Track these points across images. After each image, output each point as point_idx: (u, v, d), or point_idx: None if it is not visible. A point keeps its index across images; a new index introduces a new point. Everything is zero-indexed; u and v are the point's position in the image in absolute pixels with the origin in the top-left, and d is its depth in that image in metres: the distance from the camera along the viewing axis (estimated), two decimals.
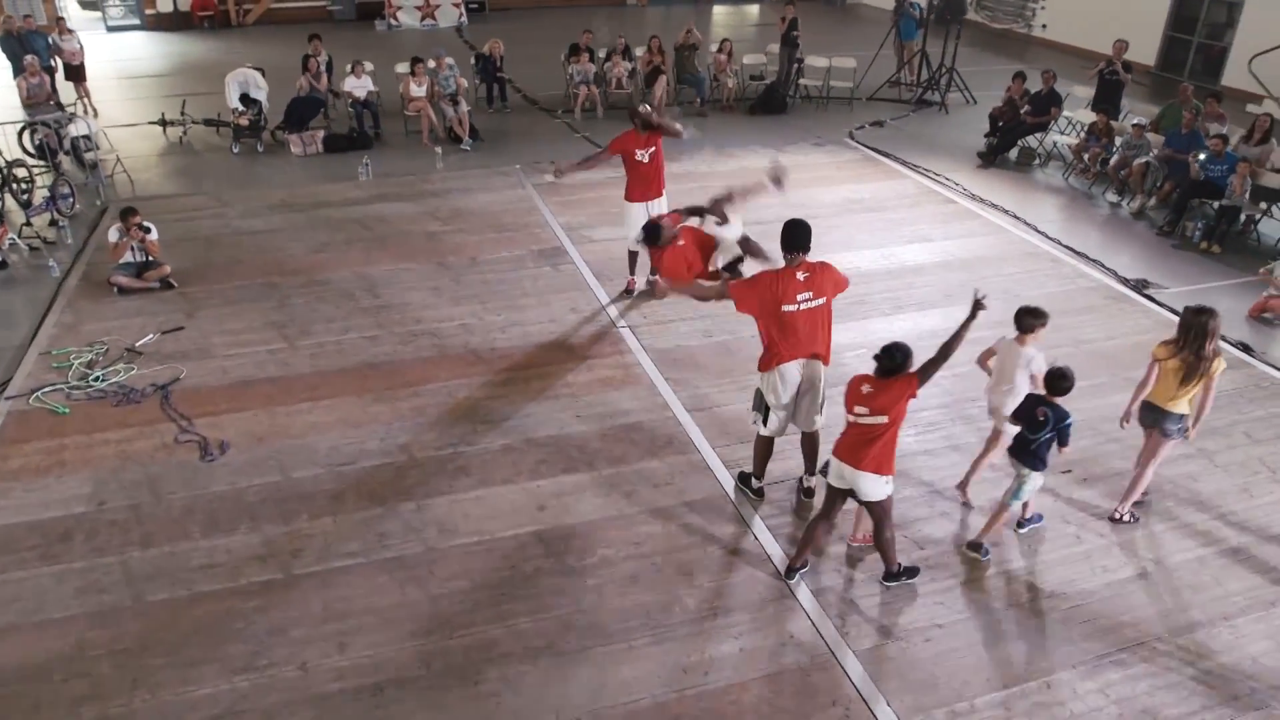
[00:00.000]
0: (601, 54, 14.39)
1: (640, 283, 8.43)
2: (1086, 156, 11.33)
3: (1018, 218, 10.39)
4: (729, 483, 6.01)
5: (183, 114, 12.55)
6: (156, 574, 5.22)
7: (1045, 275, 9.01)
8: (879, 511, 4.93)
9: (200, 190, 10.84)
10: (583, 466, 6.17)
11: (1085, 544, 5.56)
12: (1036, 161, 12.23)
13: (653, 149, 7.81)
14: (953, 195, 11.10)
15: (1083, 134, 11.80)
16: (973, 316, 4.72)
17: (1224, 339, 7.59)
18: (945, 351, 4.68)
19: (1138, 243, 9.91)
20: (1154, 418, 5.46)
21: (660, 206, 8.13)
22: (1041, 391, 5.20)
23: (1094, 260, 9.35)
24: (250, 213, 10.21)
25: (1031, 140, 12.31)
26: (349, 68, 12.68)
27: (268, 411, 6.72)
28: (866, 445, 4.68)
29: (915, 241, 9.72)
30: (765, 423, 5.52)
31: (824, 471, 5.85)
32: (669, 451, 6.33)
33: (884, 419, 4.64)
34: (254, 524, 5.61)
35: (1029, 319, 5.32)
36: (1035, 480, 5.26)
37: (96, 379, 7.02)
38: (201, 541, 5.47)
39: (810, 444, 5.76)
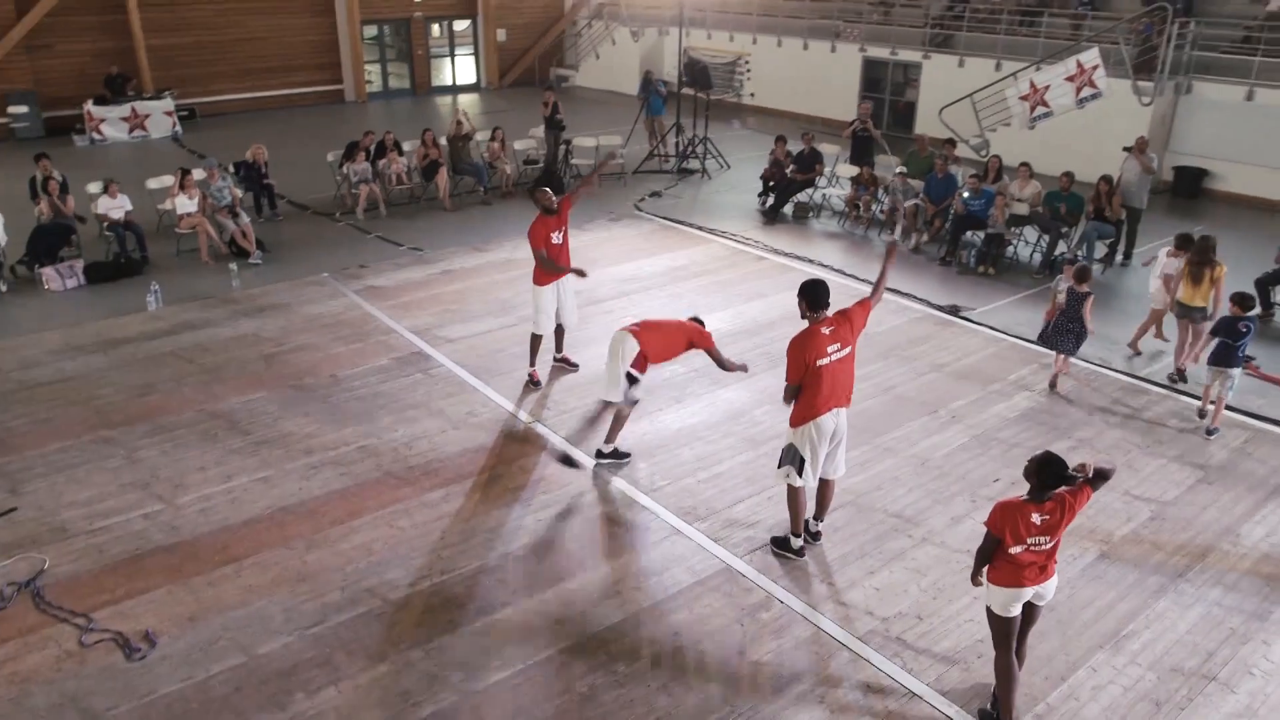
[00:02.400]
0: (371, 150, 13.91)
1: (542, 374, 8.22)
2: (860, 205, 12.72)
3: (825, 265, 11.41)
4: (726, 554, 6.01)
5: None
6: None
7: (879, 312, 9.88)
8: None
9: None
10: (578, 570, 5.87)
11: None
12: (811, 214, 13.50)
13: (563, 229, 7.72)
14: (760, 253, 11.95)
15: (849, 186, 13.22)
16: None
17: (1033, 343, 8.81)
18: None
19: (926, 274, 11.24)
20: (1187, 311, 8.21)
21: (567, 287, 7.96)
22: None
23: (906, 294, 10.48)
24: (30, 362, 8.63)
25: (802, 196, 13.59)
26: (102, 187, 11.22)
27: (183, 585, 5.70)
28: (1048, 559, 4.50)
29: (754, 299, 10.34)
30: (800, 475, 5.62)
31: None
32: (653, 536, 6.21)
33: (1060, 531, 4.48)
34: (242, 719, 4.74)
35: (1185, 242, 8.32)
36: (1237, 375, 7.33)
37: None
38: None
39: (828, 491, 5.96)
